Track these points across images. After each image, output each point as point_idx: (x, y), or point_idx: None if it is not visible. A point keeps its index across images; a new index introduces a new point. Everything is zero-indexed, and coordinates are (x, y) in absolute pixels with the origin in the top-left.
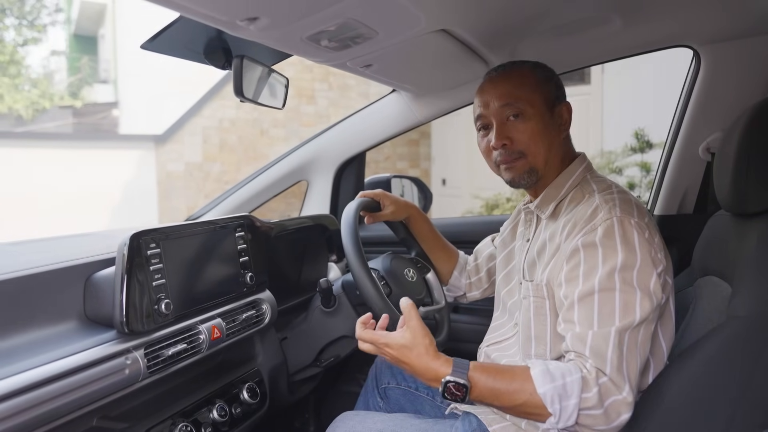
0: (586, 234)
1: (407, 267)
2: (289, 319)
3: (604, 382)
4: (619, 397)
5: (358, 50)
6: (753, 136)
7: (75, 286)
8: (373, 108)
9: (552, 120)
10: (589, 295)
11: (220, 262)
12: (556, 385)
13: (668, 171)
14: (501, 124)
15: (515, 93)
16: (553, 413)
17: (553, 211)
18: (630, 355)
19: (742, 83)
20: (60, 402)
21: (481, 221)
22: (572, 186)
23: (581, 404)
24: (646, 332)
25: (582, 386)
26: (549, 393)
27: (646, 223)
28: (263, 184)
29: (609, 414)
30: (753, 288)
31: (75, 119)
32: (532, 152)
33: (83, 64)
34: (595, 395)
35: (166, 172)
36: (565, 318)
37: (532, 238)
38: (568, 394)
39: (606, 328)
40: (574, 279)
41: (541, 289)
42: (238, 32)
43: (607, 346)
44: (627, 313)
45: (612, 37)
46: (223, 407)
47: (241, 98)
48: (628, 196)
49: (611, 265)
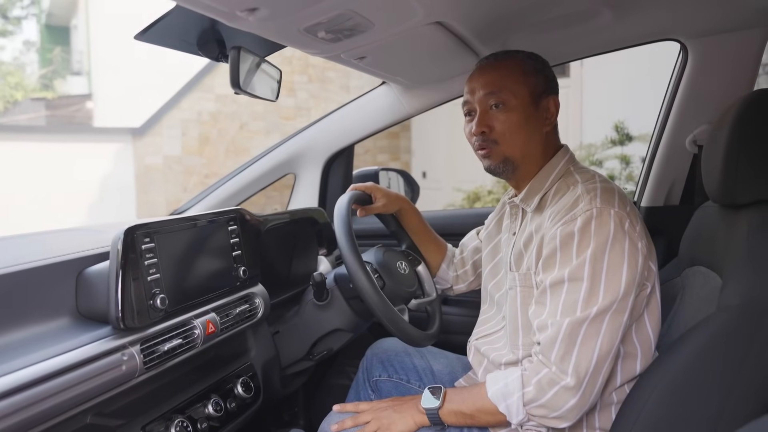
0: (566, 223)
1: (399, 260)
2: (280, 312)
3: (546, 373)
4: (561, 385)
5: (353, 42)
6: (743, 128)
7: (66, 282)
8: (362, 100)
9: (536, 113)
10: (559, 283)
11: (214, 256)
12: (498, 386)
13: (655, 163)
14: (483, 113)
15: (500, 83)
16: (504, 412)
17: (538, 204)
18: (584, 344)
19: (728, 76)
20: (57, 400)
21: (468, 214)
22: (556, 178)
23: (524, 399)
24: (612, 323)
25: (521, 383)
26: (495, 395)
27: (627, 213)
28: (250, 177)
29: (553, 404)
30: (745, 277)
31: (48, 111)
32: (507, 143)
33: (55, 56)
34: (533, 389)
35: (145, 166)
36: (537, 300)
37: (518, 231)
38: (509, 390)
39: (565, 318)
40: (550, 266)
41: (529, 277)
42: (236, 23)
43: (558, 335)
44: (588, 304)
45: (602, 31)
46: (218, 402)
47: (237, 90)
48: (610, 186)
49: (583, 255)
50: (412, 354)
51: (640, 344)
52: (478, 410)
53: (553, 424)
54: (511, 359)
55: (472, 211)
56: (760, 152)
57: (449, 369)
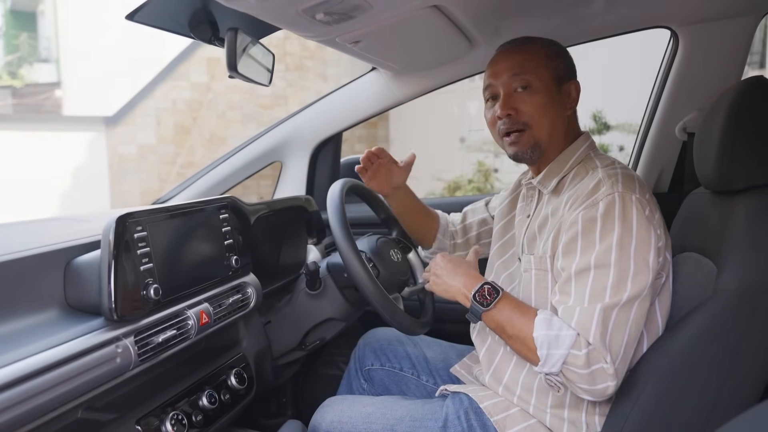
0: (587, 208)
1: (392, 248)
2: (270, 302)
3: (592, 349)
4: (604, 366)
5: (350, 25)
6: (739, 115)
7: (53, 273)
8: (350, 87)
9: (559, 96)
10: (585, 270)
11: (206, 245)
12: (550, 333)
13: (644, 150)
14: (508, 95)
15: (525, 65)
16: (540, 357)
17: (555, 186)
18: (616, 331)
19: (718, 64)
20: (49, 396)
21: (450, 202)
22: (576, 162)
23: (568, 358)
24: (641, 309)
25: (574, 342)
26: (540, 338)
27: (647, 200)
28: (235, 165)
29: (594, 377)
30: (743, 262)
31: (15, 100)
32: (536, 124)
33: (22, 42)
34: (584, 356)
35: (118, 155)
36: (561, 290)
37: (533, 213)
38: (558, 344)
39: (594, 304)
40: (571, 252)
41: (544, 261)
42: (235, 4)
43: (591, 321)
44: (618, 290)
45: (594, 17)
46: (212, 394)
47: (234, 73)
48: (630, 172)
49: (609, 241)
50: (405, 342)
51: (648, 333)
52: (517, 336)
53: (578, 393)
54: None
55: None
56: (755, 139)
57: (443, 357)
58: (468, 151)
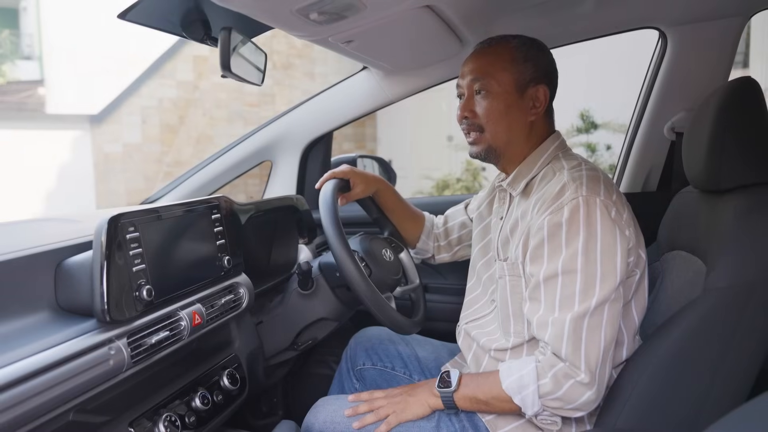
0: (552, 213)
1: (384, 247)
2: (262, 302)
3: (561, 367)
4: (576, 380)
5: (343, 25)
6: (728, 115)
7: (44, 274)
8: (342, 86)
9: (520, 101)
10: (552, 277)
11: (198, 245)
12: (515, 377)
13: (633, 150)
14: (469, 97)
15: (486, 69)
16: (519, 404)
17: (524, 188)
18: (590, 338)
19: (707, 64)
20: (42, 399)
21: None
22: (544, 164)
23: (540, 390)
24: (612, 310)
25: (537, 374)
26: (510, 387)
27: (613, 201)
28: (225, 164)
29: (570, 395)
30: (732, 261)
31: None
32: (490, 129)
33: (3, 39)
34: (549, 381)
35: (104, 154)
36: (531, 296)
37: (505, 215)
38: (525, 383)
39: (564, 313)
40: (538, 258)
41: (516, 267)
42: (229, 4)
43: (563, 333)
44: (587, 296)
45: (583, 18)
46: (205, 395)
47: (227, 73)
48: (596, 173)
49: (574, 247)
50: (397, 342)
51: (627, 330)
52: (493, 398)
53: (569, 415)
54: (502, 345)
55: (441, 198)
56: (744, 138)
57: (435, 355)
58: (456, 150)
